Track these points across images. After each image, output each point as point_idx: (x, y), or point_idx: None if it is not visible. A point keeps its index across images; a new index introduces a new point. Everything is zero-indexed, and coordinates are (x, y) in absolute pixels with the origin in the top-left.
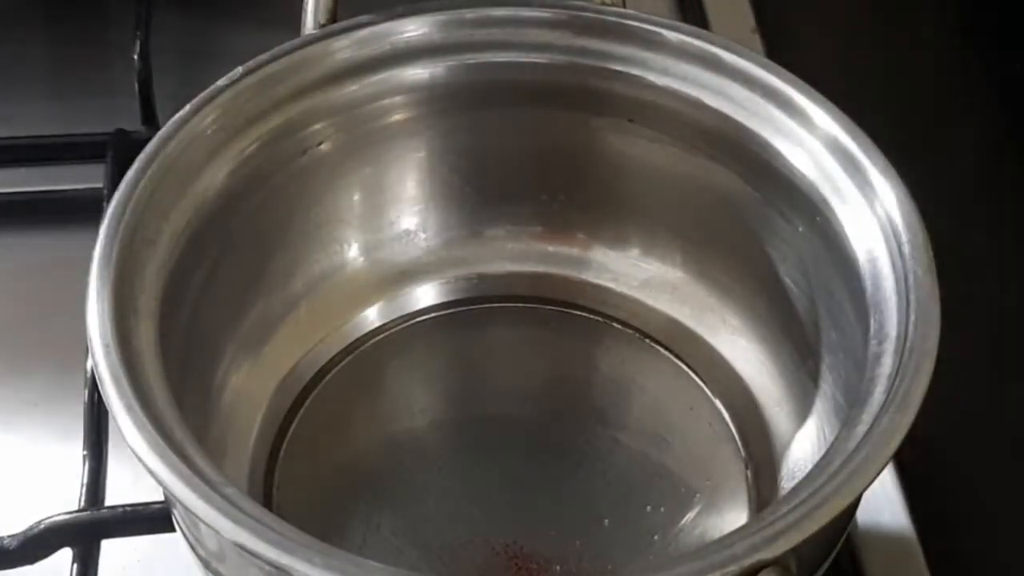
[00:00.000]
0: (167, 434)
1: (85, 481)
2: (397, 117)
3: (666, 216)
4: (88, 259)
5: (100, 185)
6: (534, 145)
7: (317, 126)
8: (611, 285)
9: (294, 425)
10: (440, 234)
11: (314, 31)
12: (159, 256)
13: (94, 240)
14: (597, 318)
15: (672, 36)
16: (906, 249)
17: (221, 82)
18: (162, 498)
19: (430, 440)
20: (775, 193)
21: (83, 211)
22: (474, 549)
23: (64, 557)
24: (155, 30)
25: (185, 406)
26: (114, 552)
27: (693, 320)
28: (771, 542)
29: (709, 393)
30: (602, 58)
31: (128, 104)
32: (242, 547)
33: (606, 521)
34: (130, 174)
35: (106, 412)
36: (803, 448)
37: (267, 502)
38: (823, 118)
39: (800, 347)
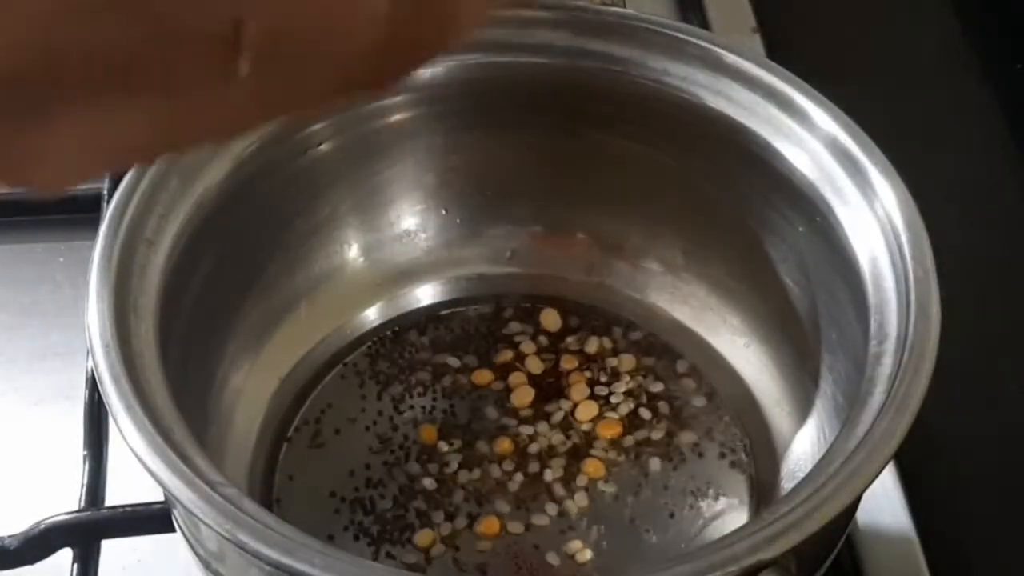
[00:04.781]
0: (167, 434)
1: (85, 481)
2: (397, 117)
3: (666, 216)
4: (88, 259)
5: (100, 185)
6: (534, 145)
7: (317, 126)
8: (611, 285)
9: (294, 425)
10: (440, 234)
11: None
12: (159, 256)
13: (94, 240)
14: (598, 318)
15: (672, 36)
16: (906, 249)
17: None
18: (162, 498)
19: (430, 441)
20: (775, 193)
21: (83, 211)
22: (474, 549)
23: (64, 557)
24: None
25: (185, 406)
26: (114, 552)
27: (693, 320)
28: (771, 542)
29: (709, 393)
30: (602, 58)
31: None
32: (242, 547)
33: (606, 522)
34: (130, 174)
35: (106, 412)
36: (803, 448)
37: (267, 502)
38: (823, 118)
39: (800, 347)
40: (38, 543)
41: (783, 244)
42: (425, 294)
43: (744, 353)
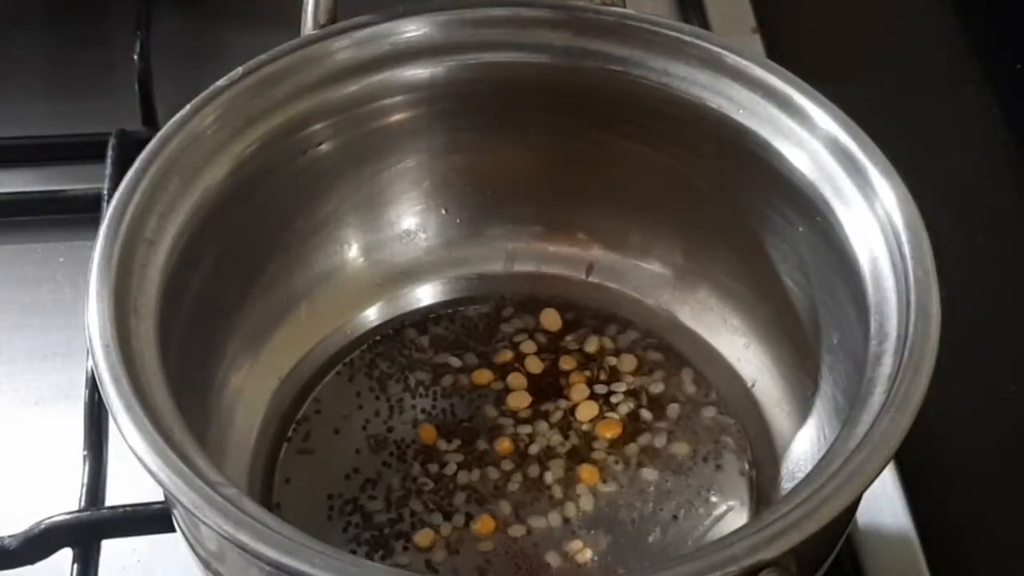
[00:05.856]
0: (167, 434)
1: (85, 481)
2: (397, 117)
3: (666, 216)
4: (88, 259)
5: (100, 185)
6: (534, 145)
7: (317, 126)
8: (611, 285)
9: (294, 425)
10: (440, 234)
11: (314, 31)
12: (159, 256)
13: (94, 240)
14: (598, 318)
15: (672, 36)
16: (906, 249)
17: (221, 82)
18: (162, 498)
19: (430, 440)
20: (775, 193)
21: (83, 211)
22: (475, 548)
23: (64, 557)
24: (155, 30)
25: (185, 406)
26: (114, 552)
27: (693, 320)
28: (771, 542)
29: (709, 393)
30: (602, 58)
31: (128, 104)
32: (242, 547)
33: (606, 522)
34: (130, 174)
35: (106, 412)
36: (803, 448)
37: (267, 502)
38: (823, 118)
39: (800, 347)
40: (38, 543)
41: (783, 244)
42: (425, 294)
43: (744, 353)
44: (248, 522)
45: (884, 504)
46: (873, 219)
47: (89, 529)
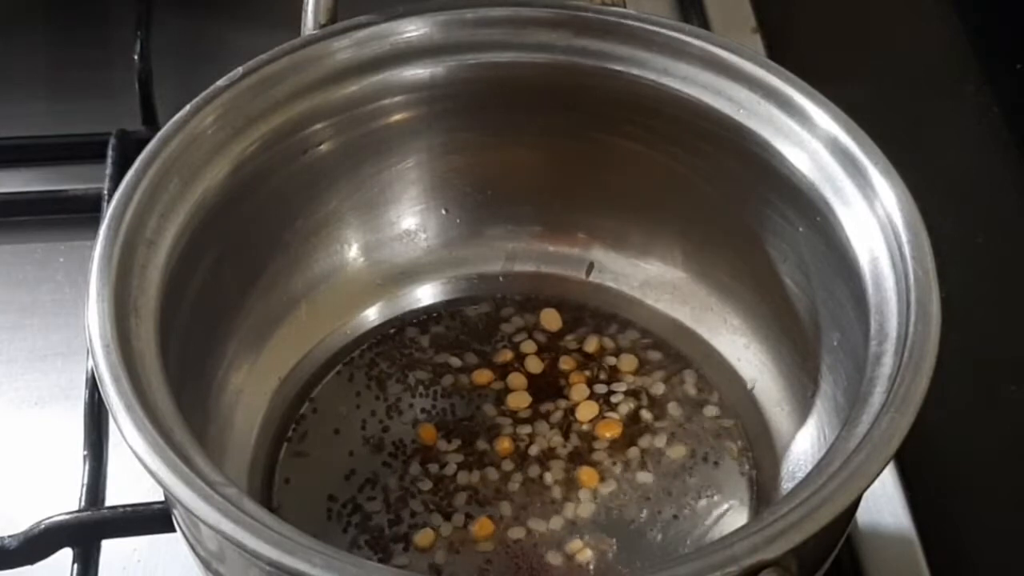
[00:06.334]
0: (167, 434)
1: (85, 481)
2: (397, 117)
3: (666, 216)
4: (88, 259)
5: (100, 185)
6: (534, 145)
7: (317, 126)
8: (611, 285)
9: (294, 425)
10: (440, 234)
11: (314, 31)
12: (159, 256)
13: (94, 240)
14: (598, 318)
15: (672, 36)
16: (906, 249)
17: (221, 82)
18: (162, 498)
19: (430, 441)
20: (775, 193)
21: (83, 211)
22: (475, 549)
23: (64, 557)
24: (155, 30)
25: (185, 406)
26: (114, 552)
27: (693, 320)
28: (771, 542)
29: (710, 394)
30: (602, 58)
31: (128, 104)
32: (242, 547)
33: (606, 522)
34: (130, 174)
35: (106, 412)
36: (803, 448)
37: (267, 502)
38: (823, 118)
39: (800, 347)
40: (38, 543)
41: (783, 244)
42: (425, 294)
43: (744, 353)
44: (248, 522)
45: (884, 504)
46: (873, 219)
47: (89, 529)
